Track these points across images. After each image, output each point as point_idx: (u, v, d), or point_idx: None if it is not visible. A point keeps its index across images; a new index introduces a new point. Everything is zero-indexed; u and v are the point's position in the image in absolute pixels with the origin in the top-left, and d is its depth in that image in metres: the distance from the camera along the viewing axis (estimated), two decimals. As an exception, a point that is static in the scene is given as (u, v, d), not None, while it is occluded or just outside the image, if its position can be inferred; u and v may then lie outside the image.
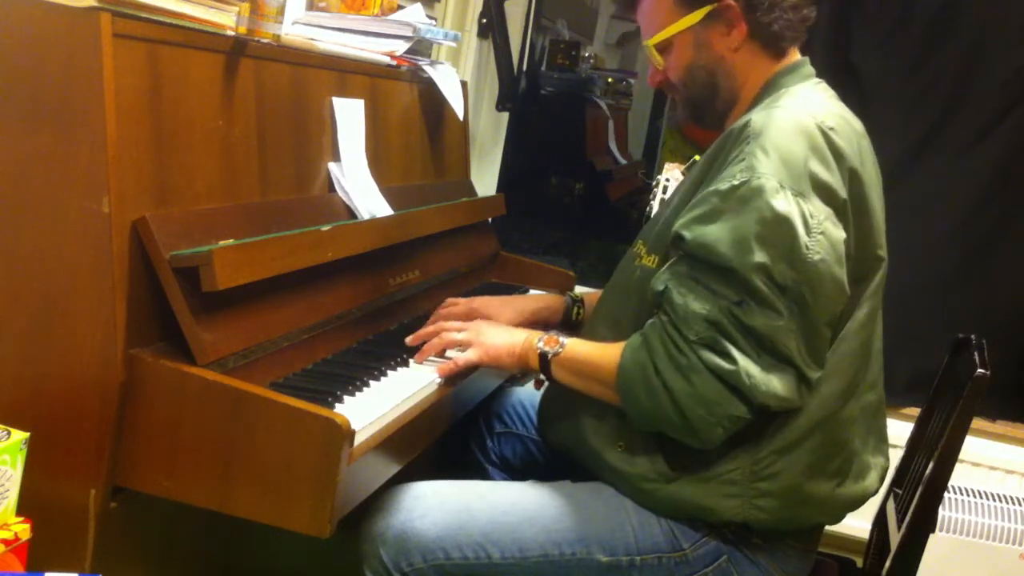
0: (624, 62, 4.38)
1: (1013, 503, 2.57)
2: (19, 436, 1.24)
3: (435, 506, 1.49)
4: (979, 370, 1.60)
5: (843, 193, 1.40)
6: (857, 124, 1.52)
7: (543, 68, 3.87)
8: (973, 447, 2.74)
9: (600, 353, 1.50)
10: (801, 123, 1.40)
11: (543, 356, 1.53)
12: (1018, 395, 2.84)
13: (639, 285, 1.51)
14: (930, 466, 1.67)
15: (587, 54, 4.00)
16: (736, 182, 1.36)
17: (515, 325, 1.81)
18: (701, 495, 1.46)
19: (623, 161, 4.12)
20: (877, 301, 1.52)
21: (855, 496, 1.53)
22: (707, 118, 1.61)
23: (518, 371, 1.71)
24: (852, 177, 1.42)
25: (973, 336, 1.80)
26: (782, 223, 1.34)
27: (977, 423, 2.71)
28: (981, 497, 2.58)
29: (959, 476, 2.68)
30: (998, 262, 2.78)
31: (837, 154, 1.40)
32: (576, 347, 1.53)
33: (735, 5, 1.49)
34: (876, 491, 1.59)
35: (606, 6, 4.32)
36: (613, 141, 4.05)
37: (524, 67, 3.23)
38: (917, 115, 2.76)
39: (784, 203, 1.34)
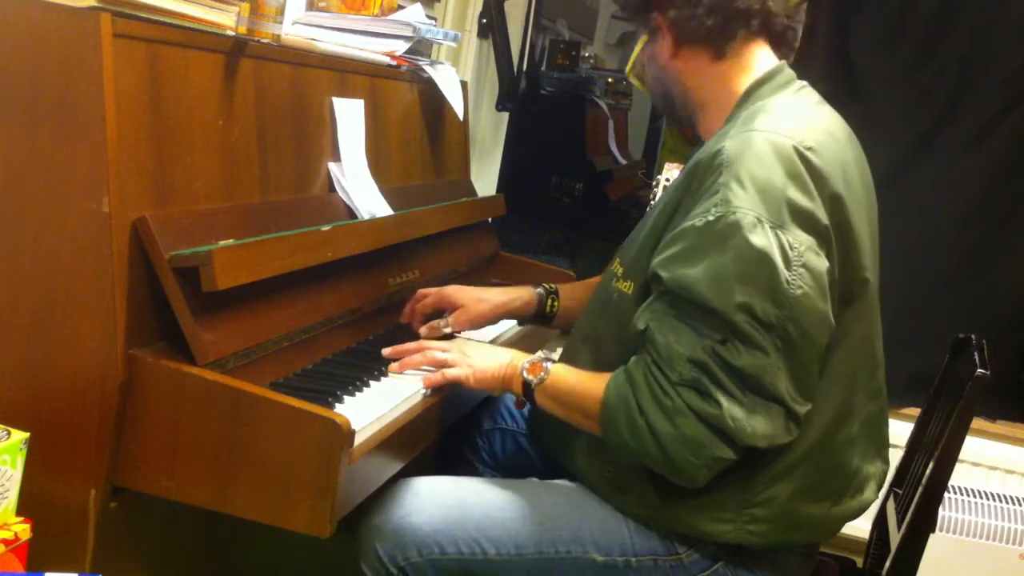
0: (624, 62, 4.38)
1: (1013, 503, 2.57)
2: (19, 436, 1.24)
3: (431, 501, 1.49)
4: (979, 370, 1.60)
5: (825, 219, 1.36)
6: (841, 133, 1.49)
7: (543, 68, 3.87)
8: (973, 447, 2.74)
9: (584, 385, 1.48)
10: (778, 147, 1.35)
11: (527, 384, 1.51)
12: (1018, 395, 2.84)
13: (617, 309, 1.50)
14: (930, 466, 1.67)
15: (587, 54, 4.01)
16: (711, 217, 1.33)
17: (489, 319, 1.81)
18: (693, 521, 1.45)
19: (623, 161, 4.13)
20: (871, 323, 1.49)
21: (851, 512, 1.52)
22: (679, 124, 1.66)
23: (501, 393, 1.71)
24: (834, 201, 1.38)
25: (973, 336, 1.80)
26: (761, 259, 1.31)
27: (977, 423, 2.71)
28: (981, 497, 2.58)
29: (959, 476, 2.68)
30: (998, 262, 2.77)
31: (818, 178, 1.36)
32: (560, 376, 1.51)
33: (659, 16, 1.51)
34: (873, 501, 1.57)
35: (606, 6, 4.32)
36: (613, 141, 4.05)
37: (524, 67, 3.22)
38: (917, 115, 2.76)
39: (762, 238, 1.31)
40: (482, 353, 1.59)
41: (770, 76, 1.50)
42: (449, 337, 1.73)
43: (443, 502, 1.49)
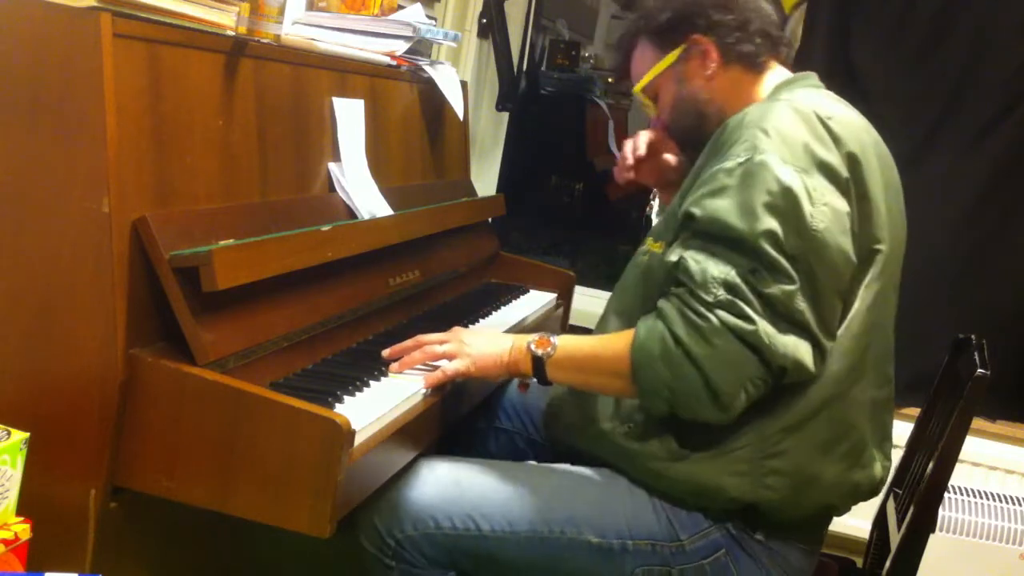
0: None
1: (1013, 503, 2.57)
2: (19, 436, 1.24)
3: (428, 478, 1.53)
4: (979, 370, 1.60)
5: (844, 172, 1.44)
6: (863, 123, 1.56)
7: (543, 68, 3.87)
8: (973, 447, 2.74)
9: (603, 344, 1.51)
10: (799, 110, 1.46)
11: (538, 360, 1.52)
12: (1018, 395, 2.84)
13: (646, 271, 1.55)
14: (930, 466, 1.67)
15: (587, 54, 4.01)
16: (741, 159, 1.42)
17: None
18: (710, 473, 1.46)
19: (623, 161, 4.11)
20: (885, 289, 1.53)
21: (862, 483, 1.54)
22: (703, 145, 1.63)
23: (506, 378, 1.70)
24: (852, 160, 1.46)
25: (973, 336, 1.80)
26: (787, 193, 1.38)
27: (977, 423, 2.71)
28: (981, 497, 2.58)
29: (959, 476, 2.68)
30: (998, 262, 2.77)
31: (835, 138, 1.45)
32: (572, 343, 1.53)
33: (704, 39, 1.59)
34: (882, 482, 1.59)
35: (606, 6, 4.32)
36: (613, 141, 4.05)
37: (524, 67, 3.23)
38: (917, 115, 2.76)
39: (788, 175, 1.39)
40: (481, 340, 1.59)
41: (797, 78, 1.62)
42: (446, 328, 1.73)
43: (440, 479, 1.53)
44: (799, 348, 1.39)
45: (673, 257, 1.43)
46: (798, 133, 1.43)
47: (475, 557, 1.51)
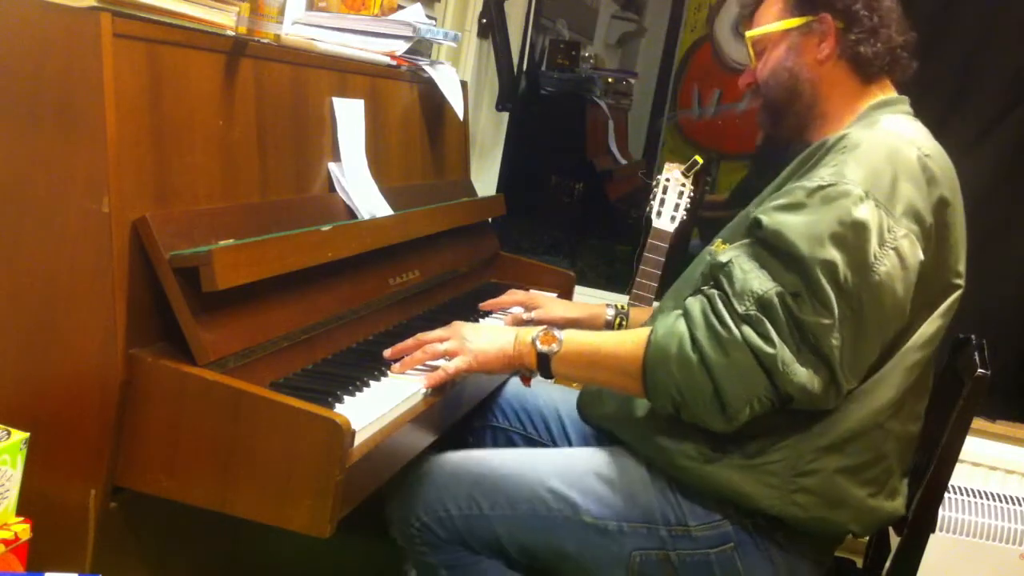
0: (624, 62, 4.38)
1: (1013, 503, 2.57)
2: (19, 436, 1.24)
3: (435, 470, 1.61)
4: (979, 370, 1.60)
5: (930, 218, 1.42)
6: (946, 156, 1.55)
7: (543, 68, 3.87)
8: (973, 447, 2.74)
9: (614, 340, 1.51)
10: (899, 144, 1.44)
11: (543, 356, 1.52)
12: (1018, 395, 2.84)
13: (707, 270, 1.53)
14: (930, 466, 1.67)
15: (587, 54, 4.00)
16: (824, 183, 1.40)
17: (568, 321, 1.89)
18: (740, 481, 1.46)
19: (623, 161, 4.12)
20: (944, 326, 1.54)
21: (885, 512, 1.54)
22: (783, 124, 1.65)
23: (509, 373, 1.70)
24: (942, 204, 1.45)
25: (973, 336, 1.80)
26: (858, 228, 1.36)
27: (977, 423, 2.71)
28: (981, 497, 2.58)
29: (959, 476, 2.67)
30: (998, 262, 2.77)
31: (931, 179, 1.44)
32: (579, 338, 1.53)
33: (831, 20, 1.56)
34: (901, 515, 1.59)
35: (606, 6, 4.32)
36: (613, 141, 4.05)
37: (524, 67, 3.23)
38: (918, 115, 2.75)
39: (865, 211, 1.37)
40: (482, 335, 1.59)
41: (892, 102, 1.60)
42: (446, 323, 1.73)
43: (444, 467, 1.61)
44: (813, 381, 1.37)
45: (724, 258, 1.42)
46: (890, 169, 1.41)
47: (482, 538, 1.56)
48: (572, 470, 1.57)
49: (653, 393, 1.45)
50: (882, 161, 1.41)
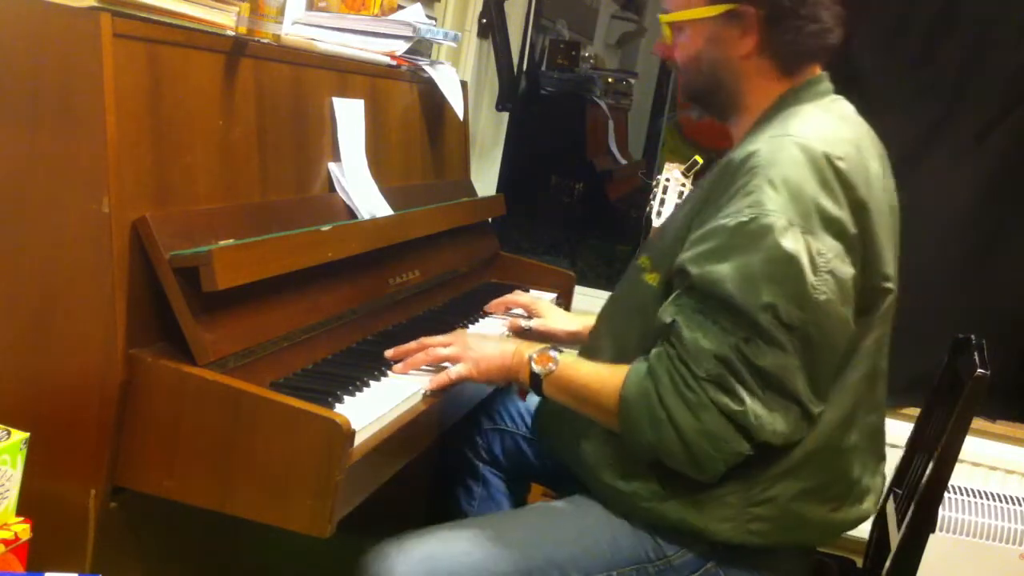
0: (624, 62, 4.38)
1: (1013, 503, 2.57)
2: (19, 436, 1.24)
3: (399, 559, 1.42)
4: (979, 370, 1.60)
5: (852, 228, 1.38)
6: (867, 143, 1.49)
7: (543, 68, 3.88)
8: (973, 447, 2.74)
9: (599, 377, 1.48)
10: (811, 154, 1.37)
11: (535, 376, 1.51)
12: (1018, 395, 2.84)
13: (643, 303, 1.50)
14: (930, 466, 1.67)
15: (587, 54, 4.01)
16: (744, 218, 1.34)
17: (561, 339, 1.87)
18: (695, 517, 1.45)
19: (623, 161, 4.13)
20: (884, 329, 1.51)
21: (849, 522, 1.52)
22: (704, 109, 1.59)
23: (507, 384, 1.70)
24: (860, 210, 1.39)
25: (973, 336, 1.80)
26: (790, 262, 1.33)
27: (977, 423, 2.71)
28: (981, 497, 2.58)
29: (959, 476, 2.68)
30: (998, 262, 2.78)
31: (846, 187, 1.38)
32: (571, 367, 1.50)
33: (753, 14, 1.45)
34: (871, 514, 1.57)
35: (606, 6, 4.32)
36: (613, 141, 4.05)
37: (524, 67, 3.23)
38: (917, 115, 2.76)
39: (792, 242, 1.33)
40: (486, 344, 1.59)
41: (811, 84, 1.51)
42: (446, 323, 1.72)
43: (411, 558, 1.42)
44: (786, 421, 1.37)
45: (667, 318, 1.39)
46: (808, 187, 1.35)
47: None
48: (547, 531, 1.50)
49: (629, 444, 1.44)
50: (797, 180, 1.34)
